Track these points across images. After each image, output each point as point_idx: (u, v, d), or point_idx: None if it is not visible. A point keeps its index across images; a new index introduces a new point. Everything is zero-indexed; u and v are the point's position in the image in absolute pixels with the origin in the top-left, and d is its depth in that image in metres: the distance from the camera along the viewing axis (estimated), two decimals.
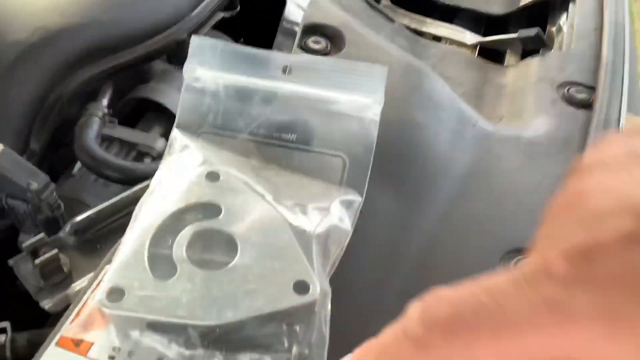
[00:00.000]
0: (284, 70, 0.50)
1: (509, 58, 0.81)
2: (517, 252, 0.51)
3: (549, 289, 0.21)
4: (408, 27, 0.85)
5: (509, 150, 0.61)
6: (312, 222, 0.45)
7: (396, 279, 0.48)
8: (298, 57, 0.59)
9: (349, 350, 0.43)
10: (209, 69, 0.50)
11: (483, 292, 0.23)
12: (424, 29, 0.88)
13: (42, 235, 0.44)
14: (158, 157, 0.62)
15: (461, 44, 0.85)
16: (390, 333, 0.25)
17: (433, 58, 0.80)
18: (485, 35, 0.87)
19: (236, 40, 0.90)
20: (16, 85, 0.56)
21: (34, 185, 0.47)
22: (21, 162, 0.48)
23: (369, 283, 0.48)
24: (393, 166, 0.53)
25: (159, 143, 0.64)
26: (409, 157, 0.54)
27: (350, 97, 0.50)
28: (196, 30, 0.72)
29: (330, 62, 0.56)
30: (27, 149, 0.56)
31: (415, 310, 0.24)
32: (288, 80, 0.51)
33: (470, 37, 0.85)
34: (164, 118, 0.69)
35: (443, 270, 0.50)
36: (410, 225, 0.51)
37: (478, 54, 0.83)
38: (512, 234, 0.52)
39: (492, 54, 0.82)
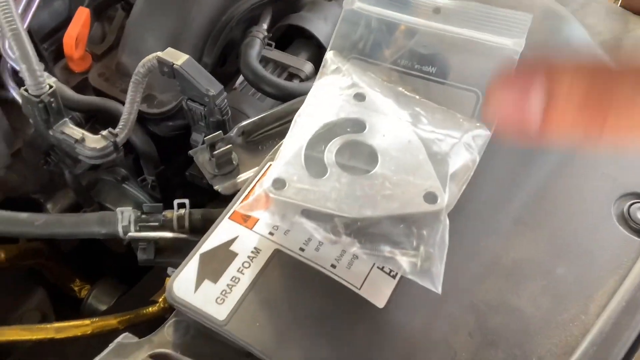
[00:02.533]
0: (435, 10, 0.54)
1: None
2: (633, 195, 0.53)
3: None
4: None
5: None
6: (445, 147, 0.50)
7: (512, 205, 0.53)
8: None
9: (465, 256, 0.49)
10: (366, 3, 0.55)
11: None
12: None
13: (219, 132, 0.52)
14: (306, 79, 0.69)
15: None
16: None
17: (574, 4, 0.79)
18: None
19: None
20: (197, 5, 0.65)
21: (211, 91, 0.56)
22: (202, 71, 0.57)
23: (487, 206, 0.53)
24: None
25: (307, 67, 0.71)
26: None
27: (492, 38, 0.54)
28: None
29: (478, 7, 0.59)
30: (200, 62, 0.65)
31: None
32: (436, 20, 0.55)
33: None
34: (311, 45, 0.76)
35: (557, 205, 0.54)
36: (533, 161, 0.55)
37: (620, 4, 0.81)
38: (629, 179, 0.54)
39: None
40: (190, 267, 0.45)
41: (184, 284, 0.44)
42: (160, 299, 0.55)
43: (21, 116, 0.70)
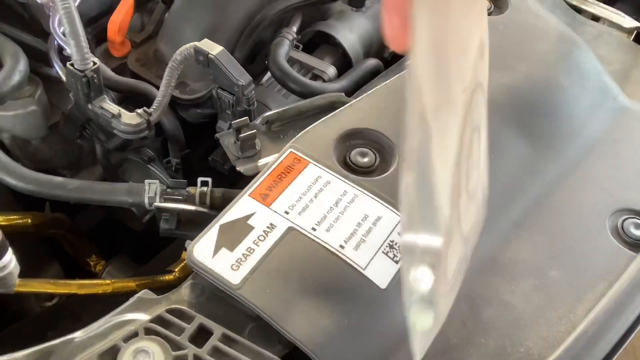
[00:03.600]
0: None
1: None
2: (627, 211, 0.57)
3: None
4: (569, 3, 0.89)
5: None
6: None
7: (513, 210, 0.56)
8: None
9: None
10: None
11: None
12: (584, 7, 0.91)
13: (245, 118, 0.56)
14: (328, 80, 0.73)
15: (618, 27, 0.87)
16: None
17: (588, 35, 0.83)
18: None
19: None
20: (235, 3, 0.69)
21: (241, 81, 0.60)
22: (234, 62, 0.61)
23: (490, 209, 0.56)
24: (533, 118, 0.60)
25: (331, 70, 0.75)
26: (549, 113, 0.61)
27: None
28: None
29: None
30: (232, 56, 0.69)
31: None
32: None
33: (629, 22, 0.87)
34: (336, 51, 0.80)
35: (556, 213, 0.57)
36: (536, 171, 0.59)
37: (633, 39, 0.85)
38: (626, 196, 0.57)
39: None
40: (210, 235, 0.48)
41: (203, 249, 0.48)
42: (177, 269, 0.59)
43: (59, 93, 0.75)
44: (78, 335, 0.44)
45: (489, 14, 0.74)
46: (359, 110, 0.58)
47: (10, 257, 0.50)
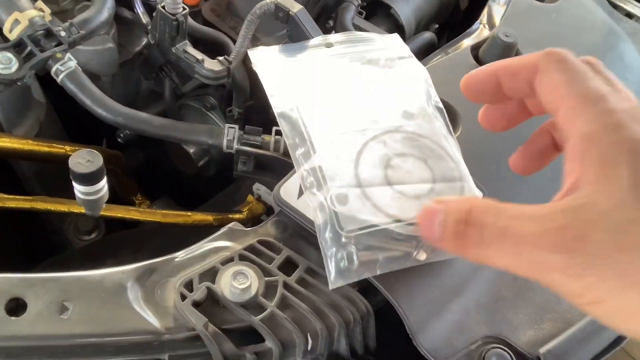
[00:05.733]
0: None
1: None
2: None
3: None
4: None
5: None
6: None
7: None
8: None
9: None
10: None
11: None
12: (621, 4, 0.96)
13: None
14: None
15: None
16: None
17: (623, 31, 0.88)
18: None
19: None
20: None
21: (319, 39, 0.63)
22: (312, 21, 0.64)
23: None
24: None
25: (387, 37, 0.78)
26: None
27: None
28: None
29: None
30: None
31: None
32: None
33: None
34: (390, 21, 0.83)
35: None
36: None
37: None
38: None
39: None
40: (295, 178, 0.52)
41: (289, 190, 0.52)
42: (245, 210, 0.62)
43: (127, 34, 0.77)
44: (179, 255, 0.48)
45: (542, 1, 0.78)
46: None
47: (104, 183, 0.53)
